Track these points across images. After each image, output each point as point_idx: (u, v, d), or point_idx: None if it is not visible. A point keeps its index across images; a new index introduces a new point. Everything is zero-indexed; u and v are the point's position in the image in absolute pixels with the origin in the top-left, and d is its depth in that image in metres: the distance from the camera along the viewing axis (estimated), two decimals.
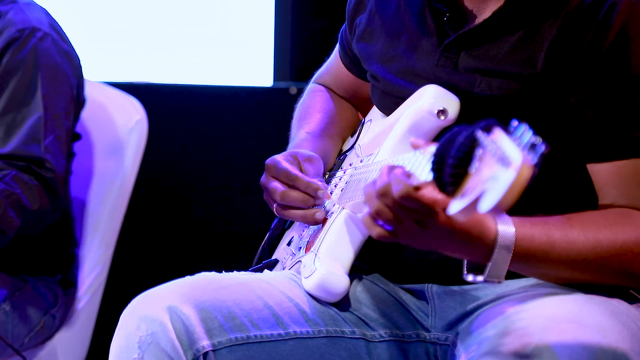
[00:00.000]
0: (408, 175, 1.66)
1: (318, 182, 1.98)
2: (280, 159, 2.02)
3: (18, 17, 2.68)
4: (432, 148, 1.57)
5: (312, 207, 1.98)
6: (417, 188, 1.63)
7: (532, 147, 1.37)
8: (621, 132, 1.80)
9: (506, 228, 1.72)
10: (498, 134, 1.42)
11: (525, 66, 1.84)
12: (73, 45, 2.79)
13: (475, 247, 1.71)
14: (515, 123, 1.42)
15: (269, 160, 2.03)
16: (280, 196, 1.99)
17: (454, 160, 1.45)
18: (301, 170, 2.02)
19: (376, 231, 1.74)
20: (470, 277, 1.72)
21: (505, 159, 1.37)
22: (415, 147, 1.71)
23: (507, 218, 1.72)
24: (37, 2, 2.79)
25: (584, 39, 1.80)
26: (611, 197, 1.83)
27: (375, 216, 1.71)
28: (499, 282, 1.73)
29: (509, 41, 1.86)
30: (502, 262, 1.71)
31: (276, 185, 1.99)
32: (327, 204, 1.99)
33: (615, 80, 1.79)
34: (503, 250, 1.71)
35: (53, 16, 2.78)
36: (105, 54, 3.65)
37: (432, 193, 1.63)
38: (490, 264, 1.70)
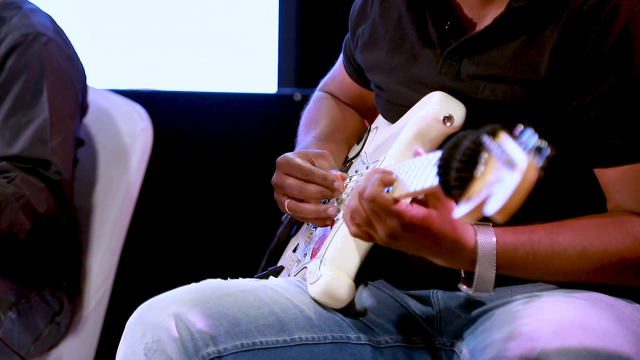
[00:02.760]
0: (391, 181, 1.67)
1: (333, 174, 1.99)
2: (292, 156, 2.03)
3: (23, 22, 2.69)
4: (438, 153, 1.57)
5: (327, 201, 1.99)
6: (396, 200, 1.66)
7: (538, 150, 1.38)
8: (625, 136, 1.81)
9: (486, 239, 1.73)
10: (503, 138, 1.42)
11: (528, 71, 1.84)
12: (77, 52, 2.79)
13: (456, 258, 1.73)
14: (520, 127, 1.42)
15: (280, 158, 2.03)
16: (298, 190, 1.99)
17: (459, 164, 1.46)
18: (314, 166, 2.03)
19: (352, 229, 1.77)
20: (463, 288, 1.75)
21: (510, 162, 1.37)
22: (416, 155, 1.72)
23: (488, 228, 1.74)
24: (43, 9, 2.79)
25: (585, 42, 1.80)
26: (616, 201, 1.83)
27: (351, 213, 1.75)
28: (490, 294, 1.74)
29: (511, 47, 1.86)
30: (486, 273, 1.73)
31: (292, 181, 2.00)
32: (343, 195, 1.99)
33: (617, 83, 1.80)
34: (485, 263, 1.73)
35: (57, 23, 2.79)
36: (109, 62, 3.66)
37: (405, 206, 1.66)
38: (476, 278, 1.72)
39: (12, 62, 2.65)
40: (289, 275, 2.06)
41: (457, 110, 1.88)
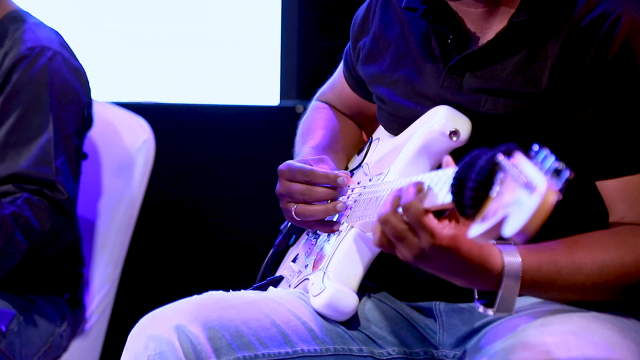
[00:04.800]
0: (422, 190, 1.65)
1: (335, 172, 1.99)
2: (292, 162, 2.03)
3: (28, 35, 2.68)
4: (451, 170, 1.56)
5: (335, 200, 1.98)
6: (427, 211, 1.63)
7: (557, 172, 1.37)
8: (626, 147, 1.80)
9: (512, 259, 1.70)
10: (519, 158, 1.41)
11: (529, 85, 1.84)
12: (82, 65, 2.79)
13: (480, 279, 1.69)
14: (536, 147, 1.41)
15: (282, 166, 2.03)
16: (307, 194, 1.98)
17: (474, 183, 1.44)
18: None
19: (378, 238, 1.71)
20: (481, 309, 1.70)
21: (528, 184, 1.36)
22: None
23: (512, 248, 1.70)
24: (46, 22, 2.79)
25: (586, 55, 1.80)
26: (620, 212, 1.82)
27: (381, 222, 1.69)
28: (510, 315, 1.71)
29: (513, 61, 1.86)
30: (510, 294, 1.69)
31: (298, 185, 1.99)
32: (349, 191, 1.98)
33: (618, 95, 1.79)
34: (510, 283, 1.69)
35: (63, 36, 2.78)
36: (112, 75, 3.66)
37: (437, 223, 1.63)
38: (498, 299, 1.68)
39: (18, 76, 2.64)
40: (289, 286, 2.06)
41: (463, 125, 1.88)
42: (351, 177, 2.13)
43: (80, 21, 3.65)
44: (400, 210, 1.66)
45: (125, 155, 2.95)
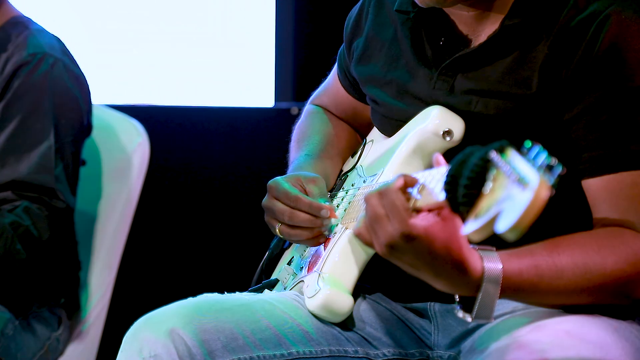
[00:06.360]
0: (413, 182, 1.64)
1: (320, 202, 1.98)
2: (281, 180, 2.02)
3: (30, 41, 2.68)
4: (444, 169, 1.56)
5: (320, 227, 1.97)
6: (417, 210, 1.63)
7: (549, 168, 1.37)
8: (608, 146, 1.79)
9: (493, 265, 1.67)
10: (512, 154, 1.41)
11: (520, 86, 1.84)
12: (83, 72, 2.79)
13: (458, 282, 1.66)
14: (528, 144, 1.41)
15: (271, 182, 2.03)
16: (288, 217, 1.98)
17: (467, 180, 1.44)
18: (305, 192, 2.01)
19: (359, 227, 1.70)
20: (460, 314, 1.68)
21: (521, 180, 1.36)
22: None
23: (493, 254, 1.68)
24: (39, 23, 2.79)
25: (574, 55, 1.80)
26: (602, 211, 1.81)
27: (365, 200, 1.67)
28: (489, 322, 1.68)
29: (504, 63, 1.86)
30: (489, 300, 1.66)
31: (282, 206, 1.99)
32: (333, 222, 1.98)
33: (603, 94, 1.79)
34: (490, 288, 1.66)
35: (64, 43, 2.78)
36: (106, 77, 3.66)
37: (410, 213, 1.61)
38: (477, 304, 1.66)
39: (19, 82, 2.64)
40: (284, 289, 2.06)
41: (456, 125, 1.88)
42: (345, 179, 2.13)
43: (73, 23, 3.65)
44: (379, 192, 1.65)
45: (119, 158, 2.95)
